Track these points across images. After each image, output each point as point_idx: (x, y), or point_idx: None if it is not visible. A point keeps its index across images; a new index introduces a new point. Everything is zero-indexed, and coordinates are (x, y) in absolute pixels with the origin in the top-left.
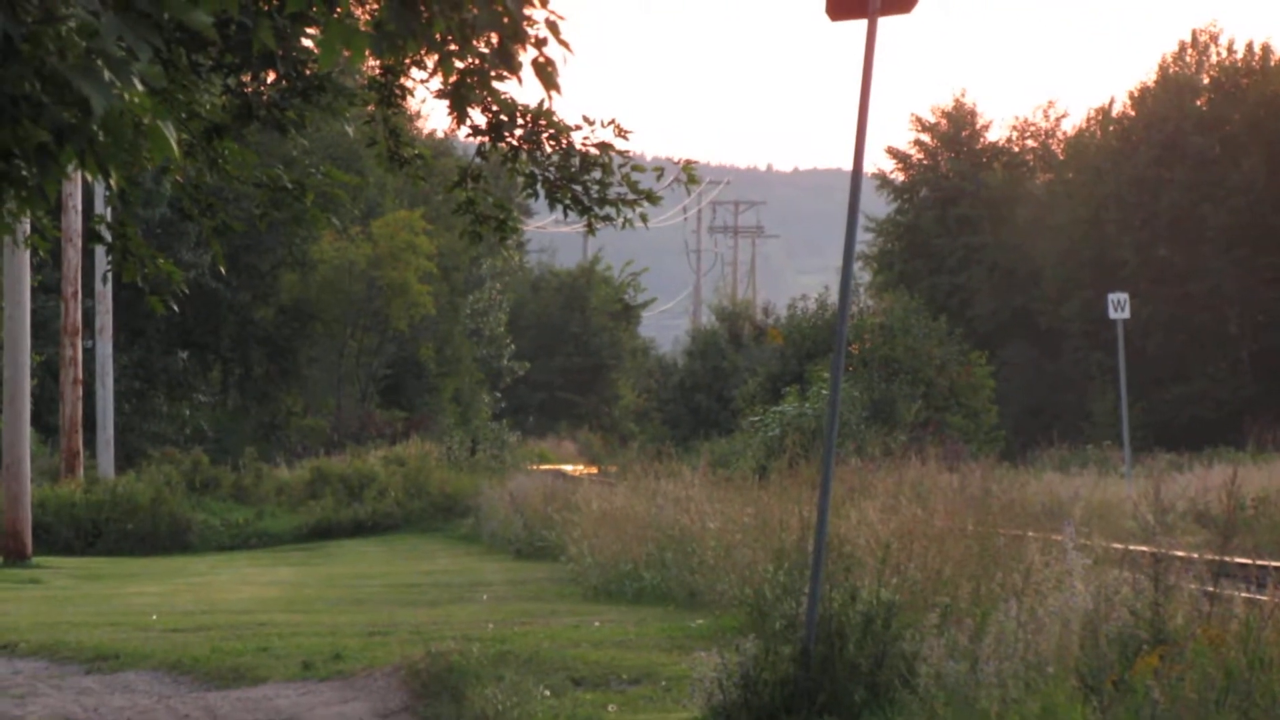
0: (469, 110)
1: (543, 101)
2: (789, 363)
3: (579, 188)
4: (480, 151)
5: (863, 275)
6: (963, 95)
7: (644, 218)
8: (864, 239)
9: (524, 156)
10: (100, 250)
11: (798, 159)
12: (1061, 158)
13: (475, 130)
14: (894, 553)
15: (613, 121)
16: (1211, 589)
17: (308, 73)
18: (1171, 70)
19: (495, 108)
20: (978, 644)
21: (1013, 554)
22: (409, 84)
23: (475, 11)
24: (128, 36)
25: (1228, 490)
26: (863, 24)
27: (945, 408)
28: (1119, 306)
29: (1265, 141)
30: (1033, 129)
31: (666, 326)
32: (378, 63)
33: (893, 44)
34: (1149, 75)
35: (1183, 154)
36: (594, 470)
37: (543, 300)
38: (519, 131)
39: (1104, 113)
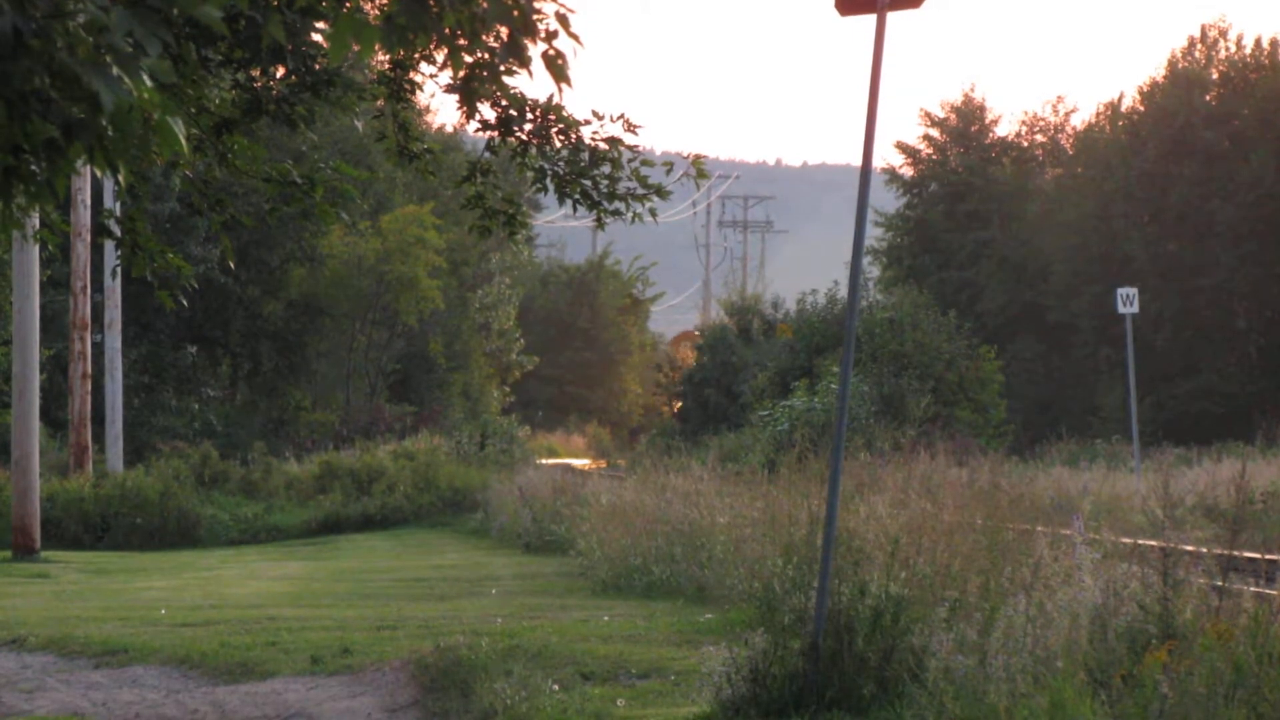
0: (478, 105)
1: (552, 96)
2: (798, 357)
3: (588, 182)
4: (489, 146)
5: (871, 270)
6: (972, 90)
7: (653, 212)
8: (873, 234)
9: (533, 151)
10: (109, 245)
11: (807, 154)
12: (1070, 153)
13: (484, 125)
14: (903, 547)
15: (622, 116)
16: (1220, 583)
17: (317, 67)
18: (1180, 65)
19: (505, 102)
20: (986, 638)
21: (1021, 548)
22: (418, 78)
23: (485, 5)
24: (137, 31)
25: (1237, 484)
26: (872, 19)
27: (954, 402)
28: (1128, 301)
29: (1274, 137)
30: (1042, 124)
31: (676, 321)
32: (387, 57)
33: (902, 39)
34: (1158, 70)
35: (1192, 149)
36: (603, 464)
37: (552, 295)
38: (528, 126)
39: (1113, 108)
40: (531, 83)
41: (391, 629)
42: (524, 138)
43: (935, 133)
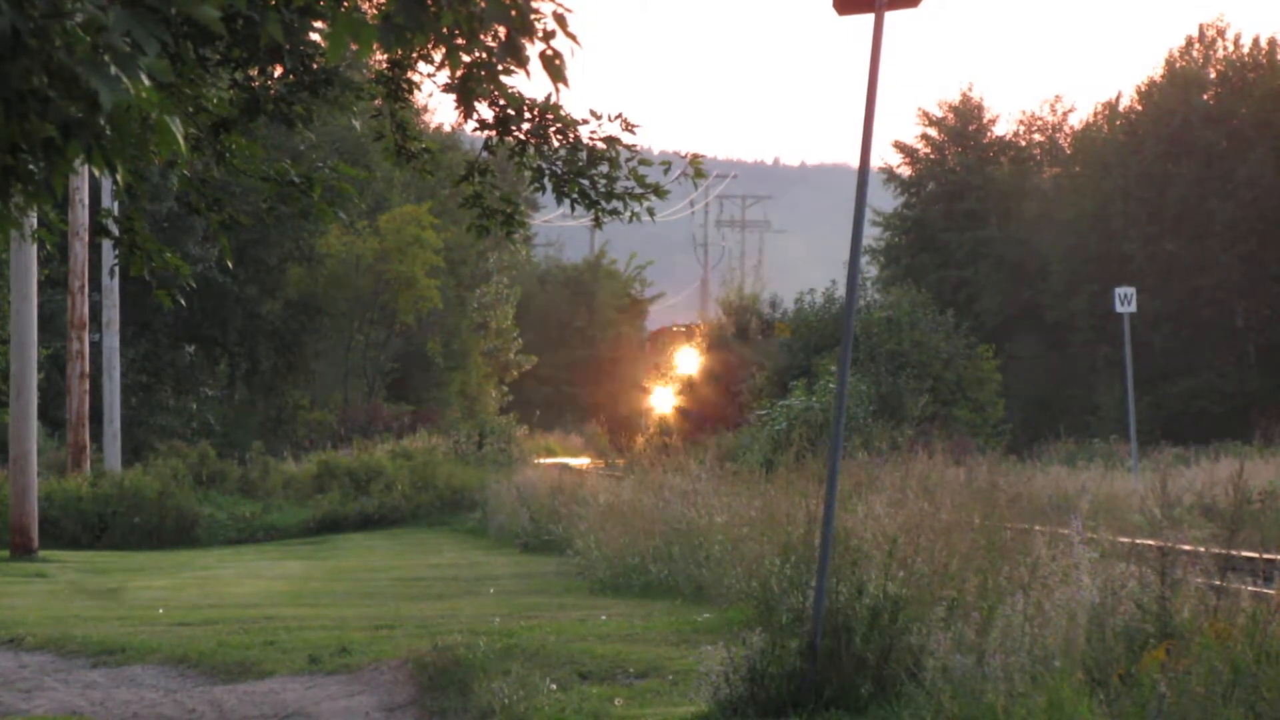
0: (476, 104)
1: (550, 95)
2: (796, 357)
3: (586, 181)
4: (487, 145)
5: (869, 269)
6: (969, 90)
7: (651, 212)
8: (871, 233)
9: (531, 150)
10: (107, 244)
11: (805, 154)
12: (1068, 152)
13: (482, 124)
14: (900, 546)
15: (620, 115)
16: (1218, 583)
17: (315, 66)
18: (1178, 65)
19: (502, 101)
20: (984, 638)
21: (1019, 548)
22: (416, 78)
23: (483, 4)
24: (135, 31)
25: (1234, 483)
26: (870, 18)
27: (952, 401)
28: (1125, 300)
29: (1272, 136)
30: (1040, 123)
31: (674, 321)
32: (385, 56)
33: (900, 38)
34: (1156, 70)
35: (1189, 148)
36: (601, 464)
37: (550, 294)
38: (526, 125)
39: (1111, 107)
40: (529, 82)
41: (389, 628)
42: (522, 137)
43: (933, 132)
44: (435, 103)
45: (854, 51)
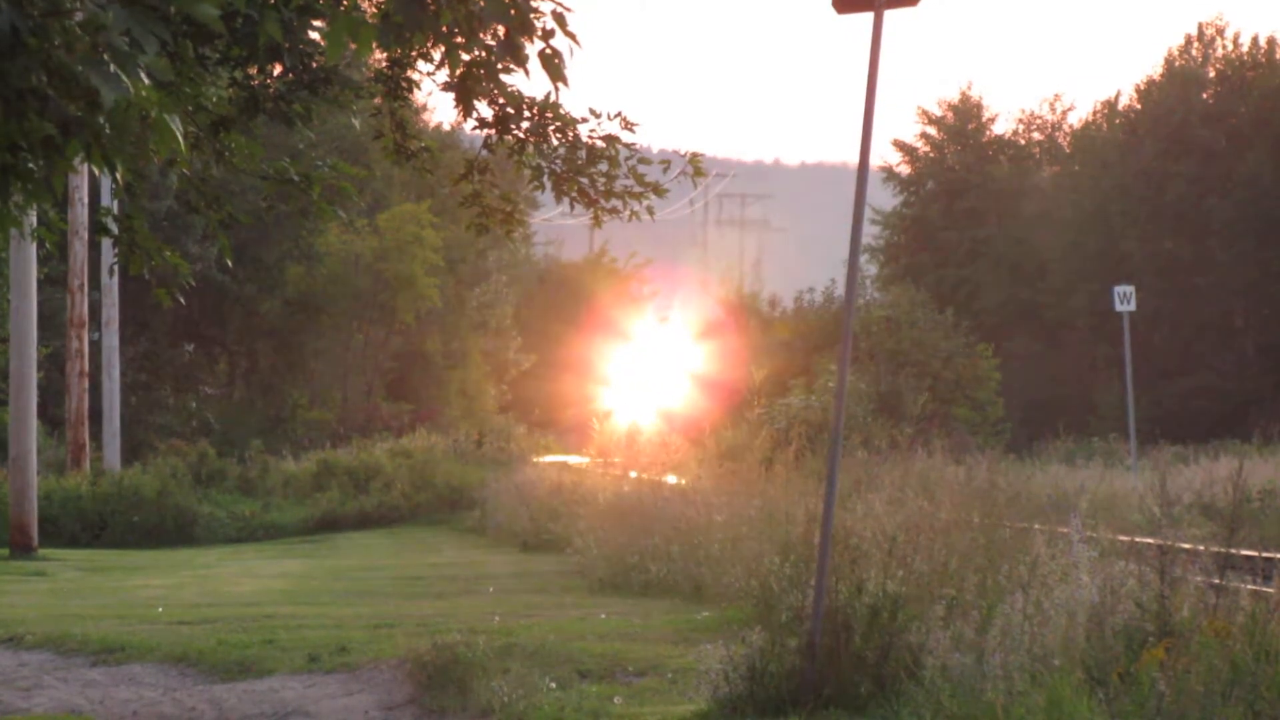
0: (475, 103)
1: (549, 94)
2: (795, 355)
3: (585, 180)
4: (487, 144)
5: (869, 268)
6: (969, 88)
7: (650, 210)
8: (870, 232)
9: (530, 149)
10: (107, 243)
11: (804, 153)
12: (1068, 151)
13: (482, 123)
14: (900, 545)
15: (619, 114)
16: (1217, 581)
17: (314, 65)
18: (1177, 63)
19: (502, 100)
20: (983, 636)
21: (1019, 546)
22: (415, 76)
23: (482, 3)
24: (134, 29)
25: (1233, 482)
26: (869, 17)
27: (951, 400)
28: (1124, 299)
29: (1271, 134)
30: (1039, 122)
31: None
32: (384, 55)
33: (899, 37)
34: (1155, 68)
35: (1189, 147)
36: (600, 463)
37: (549, 293)
38: (525, 124)
39: (1110, 106)
40: (528, 81)
41: (389, 627)
42: (521, 135)
43: (932, 131)
44: (435, 101)
45: (853, 50)
